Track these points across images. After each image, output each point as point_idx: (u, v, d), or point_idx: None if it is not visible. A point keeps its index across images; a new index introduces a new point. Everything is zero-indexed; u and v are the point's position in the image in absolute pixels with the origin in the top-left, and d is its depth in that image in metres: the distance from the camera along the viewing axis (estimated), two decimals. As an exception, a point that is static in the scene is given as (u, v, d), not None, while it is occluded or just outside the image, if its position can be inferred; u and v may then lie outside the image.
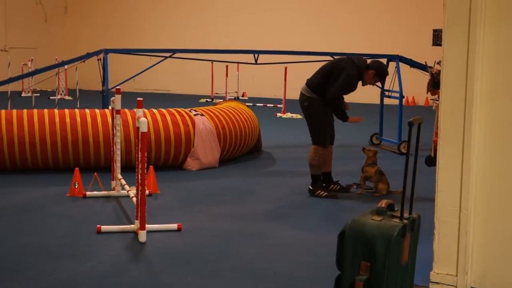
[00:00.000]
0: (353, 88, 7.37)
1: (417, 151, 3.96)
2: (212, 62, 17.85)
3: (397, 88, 10.96)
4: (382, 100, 11.59)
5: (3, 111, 8.49)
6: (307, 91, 7.43)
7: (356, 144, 11.49)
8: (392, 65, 11.30)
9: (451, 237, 4.19)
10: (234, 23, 21.96)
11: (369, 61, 7.49)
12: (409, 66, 11.68)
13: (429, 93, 9.12)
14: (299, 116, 15.93)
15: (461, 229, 4.16)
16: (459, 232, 4.17)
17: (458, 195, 4.15)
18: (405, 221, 3.78)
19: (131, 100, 8.72)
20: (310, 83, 7.44)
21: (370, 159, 7.47)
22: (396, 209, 3.90)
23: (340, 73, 7.23)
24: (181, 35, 22.40)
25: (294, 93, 20.40)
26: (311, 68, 8.24)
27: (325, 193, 7.38)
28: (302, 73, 17.95)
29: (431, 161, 7.68)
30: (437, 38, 10.59)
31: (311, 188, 7.45)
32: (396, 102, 10.98)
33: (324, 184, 7.58)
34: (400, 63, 11.30)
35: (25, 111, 8.53)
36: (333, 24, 20.87)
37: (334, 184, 7.67)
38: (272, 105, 17.62)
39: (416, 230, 3.94)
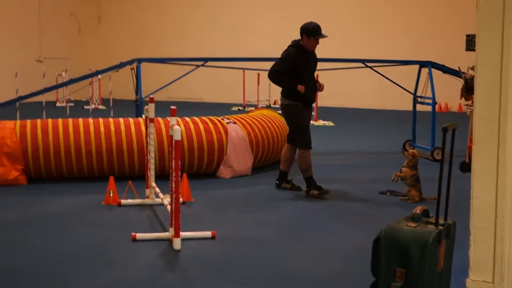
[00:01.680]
0: (291, 63, 7.67)
1: (451, 157, 3.94)
2: (243, 70, 17.92)
3: (429, 95, 10.88)
4: (414, 106, 11.52)
5: (38, 121, 8.62)
6: (282, 99, 7.88)
7: (388, 152, 11.46)
8: (424, 72, 11.26)
9: (487, 243, 4.15)
10: (265, 31, 22.00)
11: None
12: (441, 72, 11.60)
13: (462, 98, 9.06)
14: (331, 123, 15.93)
15: (497, 235, 4.12)
16: (495, 238, 4.13)
17: (494, 201, 4.11)
18: (440, 227, 3.77)
19: (164, 108, 8.80)
20: (281, 92, 7.85)
21: (410, 162, 7.46)
22: (431, 215, 3.88)
23: None
24: (213, 44, 22.50)
25: (326, 101, 20.40)
26: (344, 75, 8.28)
27: (317, 192, 7.66)
28: (334, 80, 17.98)
29: (466, 167, 7.65)
30: (470, 43, 10.54)
31: (306, 189, 7.79)
32: (429, 108, 10.91)
33: (277, 182, 8.10)
34: (433, 70, 11.22)
35: (60, 120, 8.64)
36: (365, 31, 20.82)
37: (287, 183, 8.04)
38: (304, 112, 17.61)
39: (451, 237, 3.92)
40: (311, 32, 7.74)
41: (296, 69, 7.68)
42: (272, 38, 21.78)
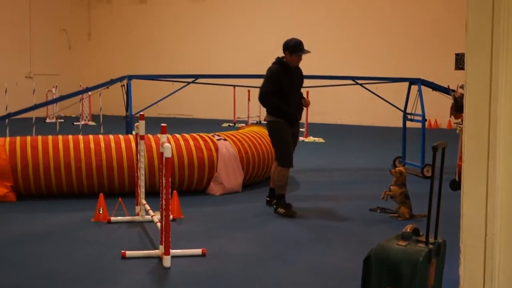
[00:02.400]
0: (276, 81, 7.67)
1: (441, 175, 3.95)
2: (234, 87, 17.94)
3: (419, 112, 10.92)
4: (404, 123, 11.56)
5: (28, 137, 8.59)
6: (267, 116, 7.94)
7: (378, 168, 11.47)
8: (414, 89, 11.31)
9: (477, 262, 4.15)
10: (255, 47, 22.06)
11: None
12: (431, 90, 11.65)
13: (452, 116, 9.10)
14: (321, 140, 15.95)
15: (487, 254, 4.12)
16: (485, 256, 4.13)
17: (484, 219, 4.11)
18: (431, 246, 3.77)
19: (155, 125, 8.80)
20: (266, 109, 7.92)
21: (398, 179, 7.50)
22: (421, 233, 3.89)
23: None
24: (204, 61, 22.54)
25: (317, 117, 20.38)
26: (334, 92, 8.31)
27: (284, 211, 7.62)
28: (325, 97, 18.04)
29: (456, 185, 7.67)
30: (459, 62, 10.56)
31: (274, 205, 7.80)
32: (419, 125, 10.95)
33: (267, 199, 8.08)
34: (423, 87, 11.27)
35: (50, 137, 8.62)
36: (355, 48, 20.91)
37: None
38: (294, 129, 17.61)
39: (441, 255, 3.92)
40: (293, 48, 7.74)
41: (279, 85, 7.66)
42: (263, 55, 21.85)
